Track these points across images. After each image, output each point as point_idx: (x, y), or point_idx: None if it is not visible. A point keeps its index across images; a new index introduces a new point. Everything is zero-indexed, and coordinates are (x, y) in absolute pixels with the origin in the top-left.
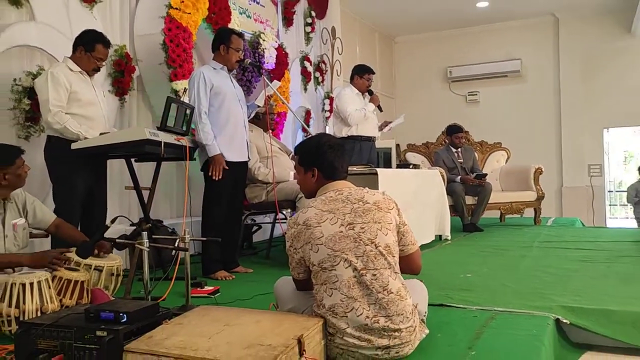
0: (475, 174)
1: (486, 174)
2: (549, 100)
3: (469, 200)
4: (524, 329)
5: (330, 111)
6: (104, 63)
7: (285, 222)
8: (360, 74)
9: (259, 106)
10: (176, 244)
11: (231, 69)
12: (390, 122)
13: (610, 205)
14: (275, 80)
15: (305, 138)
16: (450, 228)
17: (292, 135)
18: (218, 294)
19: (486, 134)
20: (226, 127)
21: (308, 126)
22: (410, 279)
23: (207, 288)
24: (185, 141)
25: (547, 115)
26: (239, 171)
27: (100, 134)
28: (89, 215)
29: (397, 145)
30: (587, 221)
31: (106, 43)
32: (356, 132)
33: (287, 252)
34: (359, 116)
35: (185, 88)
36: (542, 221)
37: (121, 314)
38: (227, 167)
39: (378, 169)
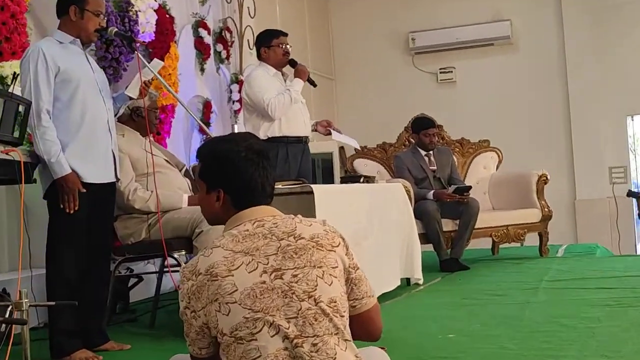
0: (454, 187)
1: (470, 187)
2: (552, 77)
3: (448, 224)
4: None
5: (241, 102)
6: None
7: (178, 271)
8: (267, 43)
9: (132, 98)
10: (7, 313)
11: (87, 42)
12: (338, 131)
13: None
14: (156, 59)
15: (212, 138)
16: (423, 267)
17: (184, 140)
18: None
19: (468, 129)
20: (80, 132)
21: (208, 125)
22: (366, 347)
23: None
24: (17, 154)
25: (551, 100)
26: (103, 197)
27: None
28: None
29: (341, 149)
30: (612, 247)
31: None
32: (279, 130)
33: (181, 317)
34: (282, 102)
35: (16, 73)
36: (551, 251)
37: None
38: (84, 190)
39: (314, 185)
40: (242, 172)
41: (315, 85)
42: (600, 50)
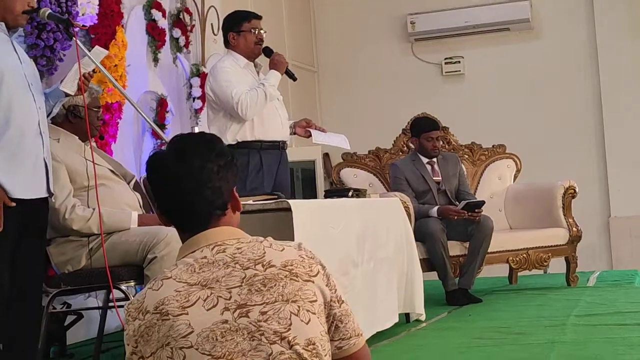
0: (464, 202)
1: (483, 202)
2: (580, 68)
3: (455, 248)
4: None
5: (203, 99)
6: None
7: (124, 307)
8: (236, 28)
9: (68, 95)
10: None
11: (14, 26)
12: (320, 130)
13: None
14: (98, 47)
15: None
16: (425, 300)
17: (134, 146)
18: None
19: (479, 131)
20: (5, 136)
21: (163, 128)
22: None
23: None
24: None
25: (579, 95)
26: (33, 216)
27: None
28: None
29: (326, 156)
30: None
31: None
32: (252, 133)
33: None
34: (255, 100)
35: None
36: (580, 279)
37: None
38: (13, 205)
39: (292, 201)
40: (169, 187)
41: (294, 79)
42: (638, 34)
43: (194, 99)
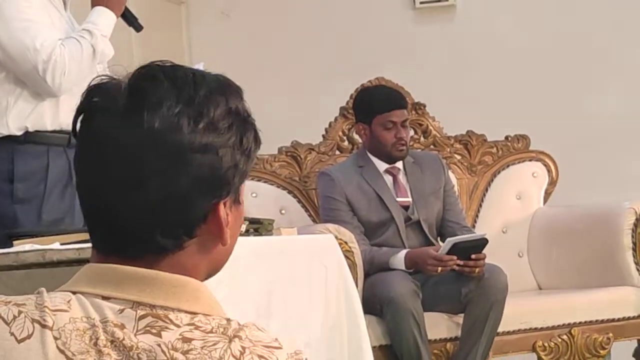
0: (451, 240)
1: (485, 240)
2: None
3: (439, 325)
4: None
5: None
6: None
7: None
8: None
9: None
10: None
11: None
12: None
13: None
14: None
15: None
16: None
17: None
18: None
19: (482, 114)
20: None
21: None
22: None
23: None
24: None
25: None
26: None
27: None
28: None
29: None
30: None
31: None
32: (55, 119)
33: None
34: (79, 57)
35: None
36: None
37: None
38: None
39: None
40: (91, 165)
41: (139, 29)
42: None
43: None
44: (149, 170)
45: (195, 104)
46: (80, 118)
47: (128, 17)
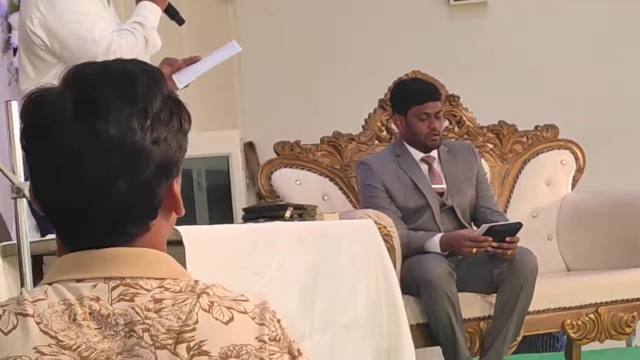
0: (486, 226)
1: (519, 225)
2: None
3: (473, 305)
4: None
5: None
6: None
7: None
8: None
9: None
10: None
11: None
12: (194, 60)
13: None
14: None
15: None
16: None
17: None
18: None
19: (511, 105)
20: None
21: None
22: None
23: None
24: None
25: None
26: None
27: None
28: None
29: (249, 147)
30: None
31: None
32: None
33: None
34: (133, 47)
35: None
36: None
37: None
38: None
39: (183, 229)
40: (53, 168)
41: (181, 22)
42: None
43: (14, 50)
44: (116, 172)
45: (138, 101)
46: (32, 134)
47: (170, 11)
